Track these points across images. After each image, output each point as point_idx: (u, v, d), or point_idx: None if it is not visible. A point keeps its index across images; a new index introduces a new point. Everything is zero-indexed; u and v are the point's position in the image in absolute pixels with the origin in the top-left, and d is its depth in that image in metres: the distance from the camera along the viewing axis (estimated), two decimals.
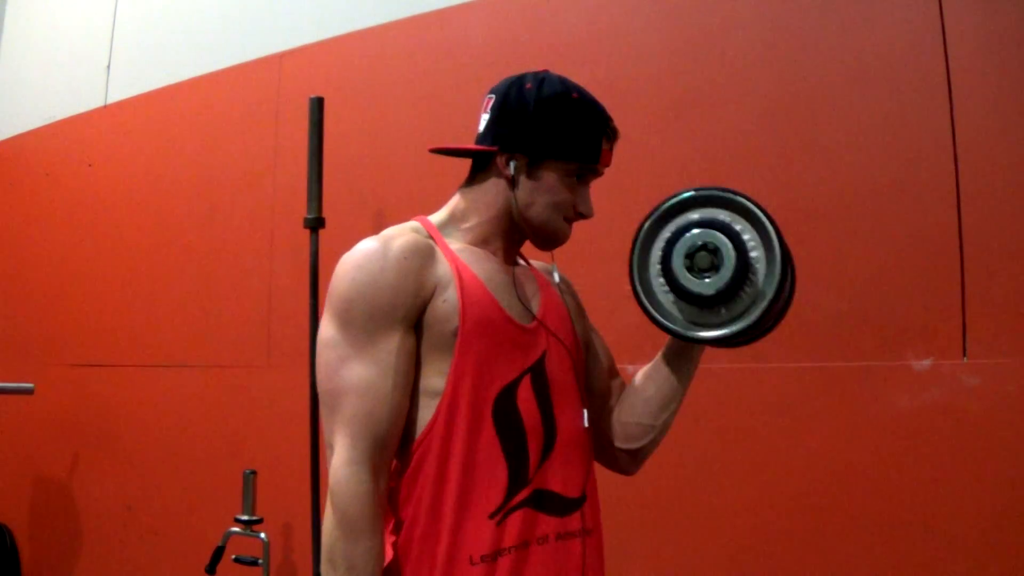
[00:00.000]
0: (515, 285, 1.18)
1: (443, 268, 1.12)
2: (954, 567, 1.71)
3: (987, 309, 1.74)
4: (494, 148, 1.17)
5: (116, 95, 3.33)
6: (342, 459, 1.05)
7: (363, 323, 1.07)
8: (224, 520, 2.45)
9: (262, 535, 2.37)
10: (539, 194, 1.16)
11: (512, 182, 1.17)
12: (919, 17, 1.85)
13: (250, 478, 2.42)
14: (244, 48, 2.95)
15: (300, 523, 2.46)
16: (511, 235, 1.21)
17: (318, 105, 2.37)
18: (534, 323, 1.17)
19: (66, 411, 3.24)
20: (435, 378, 1.10)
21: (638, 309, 1.17)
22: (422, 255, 1.11)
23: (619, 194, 2.13)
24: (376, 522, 1.04)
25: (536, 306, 1.19)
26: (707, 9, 2.12)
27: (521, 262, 1.27)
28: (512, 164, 1.16)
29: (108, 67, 3.38)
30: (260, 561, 2.36)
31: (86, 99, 3.40)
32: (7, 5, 3.90)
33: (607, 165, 1.20)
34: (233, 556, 2.39)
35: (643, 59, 2.19)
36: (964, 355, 1.75)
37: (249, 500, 2.41)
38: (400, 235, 1.13)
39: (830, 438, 1.86)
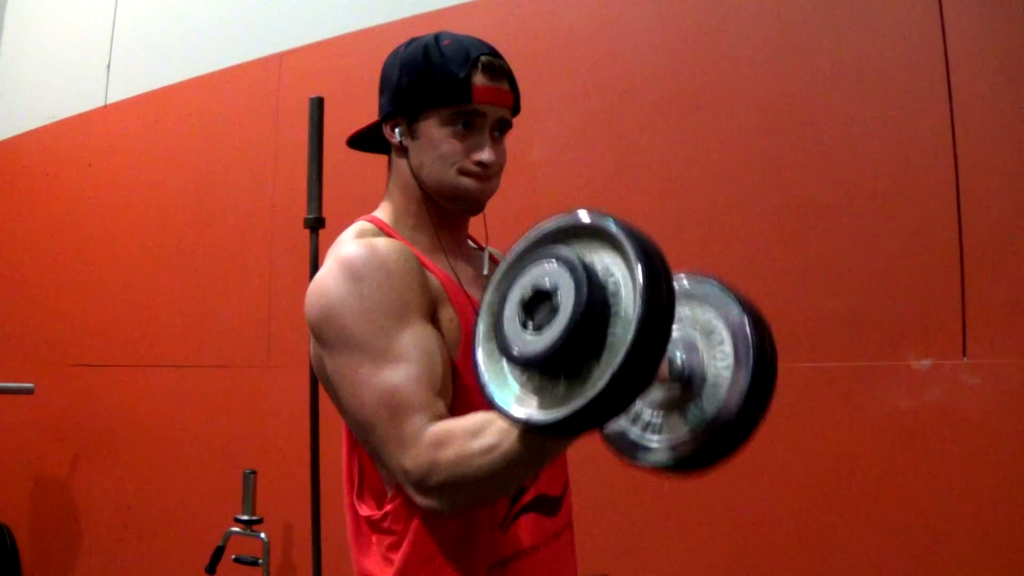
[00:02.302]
0: (479, 283, 1.13)
1: (432, 277, 1.05)
2: (954, 567, 1.71)
3: (987, 309, 1.74)
4: (377, 120, 1.12)
5: (116, 95, 3.33)
6: (419, 452, 0.91)
7: (382, 320, 0.97)
8: (224, 520, 2.45)
9: (262, 535, 2.37)
10: (425, 151, 1.08)
11: (402, 149, 1.10)
12: (919, 17, 1.85)
13: (250, 478, 2.42)
14: (244, 48, 2.95)
15: (300, 523, 2.46)
16: (443, 219, 1.12)
17: (318, 105, 2.37)
18: None
19: (66, 411, 3.24)
20: None
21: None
22: (411, 255, 1.04)
23: (619, 194, 2.13)
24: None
25: None
26: (707, 9, 2.12)
27: (472, 245, 1.21)
28: (396, 130, 1.10)
29: (108, 67, 3.37)
30: (260, 561, 2.36)
31: (86, 99, 3.40)
32: (7, 5, 3.90)
33: (493, 103, 1.07)
34: (233, 556, 2.39)
35: (643, 59, 2.19)
36: (964, 355, 1.75)
37: (249, 500, 2.41)
38: (373, 236, 1.06)
39: (830, 438, 1.86)
